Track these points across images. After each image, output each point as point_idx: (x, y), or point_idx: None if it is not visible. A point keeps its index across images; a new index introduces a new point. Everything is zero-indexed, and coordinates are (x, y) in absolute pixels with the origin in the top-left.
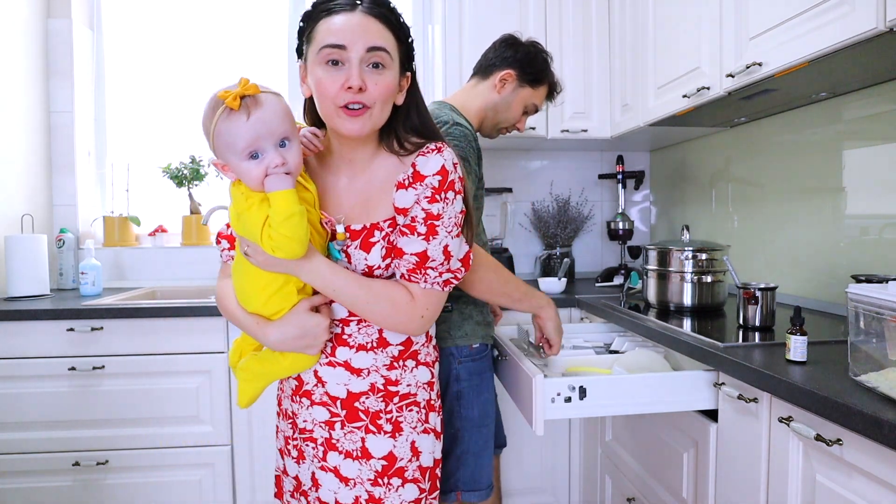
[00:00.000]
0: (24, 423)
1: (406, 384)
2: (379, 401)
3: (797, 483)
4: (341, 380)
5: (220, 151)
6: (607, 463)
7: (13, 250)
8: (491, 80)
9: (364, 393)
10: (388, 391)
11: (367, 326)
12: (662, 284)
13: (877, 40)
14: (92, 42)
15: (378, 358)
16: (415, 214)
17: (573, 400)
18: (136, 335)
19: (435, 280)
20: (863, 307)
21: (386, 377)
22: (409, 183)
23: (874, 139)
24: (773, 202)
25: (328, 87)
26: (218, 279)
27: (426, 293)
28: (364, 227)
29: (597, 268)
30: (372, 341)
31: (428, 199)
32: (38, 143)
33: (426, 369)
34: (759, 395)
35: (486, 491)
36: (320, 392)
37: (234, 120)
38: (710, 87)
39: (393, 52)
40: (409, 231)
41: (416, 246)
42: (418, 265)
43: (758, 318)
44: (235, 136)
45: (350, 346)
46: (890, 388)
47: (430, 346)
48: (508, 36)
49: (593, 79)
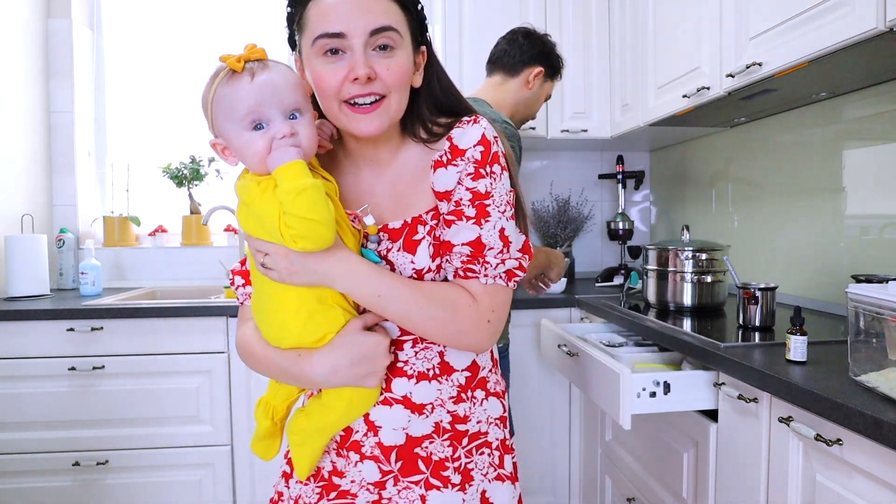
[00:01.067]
0: (24, 423)
1: (476, 420)
2: (446, 445)
3: (797, 483)
4: (400, 422)
5: (219, 124)
6: (607, 463)
7: (13, 250)
8: (521, 76)
9: (428, 437)
10: (457, 431)
11: (426, 348)
12: (662, 284)
13: (877, 40)
14: (92, 42)
15: (443, 388)
16: (459, 197)
17: (657, 395)
18: (136, 335)
19: (497, 272)
20: (863, 307)
21: (453, 413)
22: (447, 160)
23: (874, 139)
24: (773, 202)
25: (329, 82)
26: (237, 327)
27: (489, 290)
28: (405, 222)
29: (597, 268)
30: (434, 367)
31: (472, 177)
32: (38, 143)
33: (497, 401)
34: (759, 395)
35: None
36: (371, 443)
37: (235, 83)
38: (710, 87)
39: (402, 27)
40: (456, 217)
41: (468, 233)
42: (473, 256)
43: (758, 318)
44: (236, 101)
45: (409, 376)
46: (890, 388)
47: (497, 372)
48: (527, 30)
49: (593, 79)
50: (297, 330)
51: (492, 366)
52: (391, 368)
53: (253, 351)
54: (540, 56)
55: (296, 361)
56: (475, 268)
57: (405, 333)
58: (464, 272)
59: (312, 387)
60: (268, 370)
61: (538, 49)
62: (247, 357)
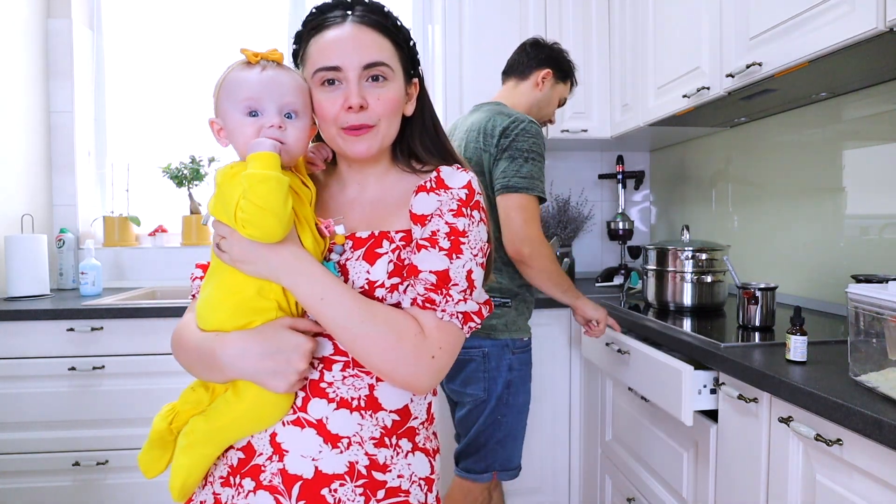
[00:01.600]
0: (24, 423)
1: (397, 474)
2: (358, 493)
3: (797, 483)
4: (310, 449)
5: (220, 104)
6: (607, 463)
7: (13, 250)
8: (531, 79)
9: (339, 476)
10: (373, 479)
11: (356, 377)
12: (662, 284)
13: (877, 40)
14: (92, 42)
15: (364, 425)
16: (436, 228)
17: (717, 391)
18: (136, 335)
19: (456, 310)
20: (863, 307)
21: (372, 457)
22: (431, 187)
23: (874, 139)
24: (773, 202)
25: (327, 110)
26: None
27: (442, 327)
28: (371, 234)
29: (597, 268)
30: (360, 398)
31: (453, 213)
32: (38, 143)
33: (426, 459)
34: (759, 395)
35: (516, 471)
36: (273, 469)
37: (245, 70)
38: (710, 87)
39: (393, 62)
40: (430, 244)
41: (437, 262)
42: (437, 286)
43: (758, 318)
44: (240, 85)
45: (329, 399)
46: (890, 388)
47: (430, 430)
48: (535, 39)
49: (593, 79)
50: (225, 313)
51: (426, 420)
52: (312, 387)
53: (181, 336)
54: (547, 60)
55: (211, 341)
56: (436, 298)
57: (339, 353)
58: (422, 301)
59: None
60: (187, 356)
61: (545, 54)
62: (175, 344)
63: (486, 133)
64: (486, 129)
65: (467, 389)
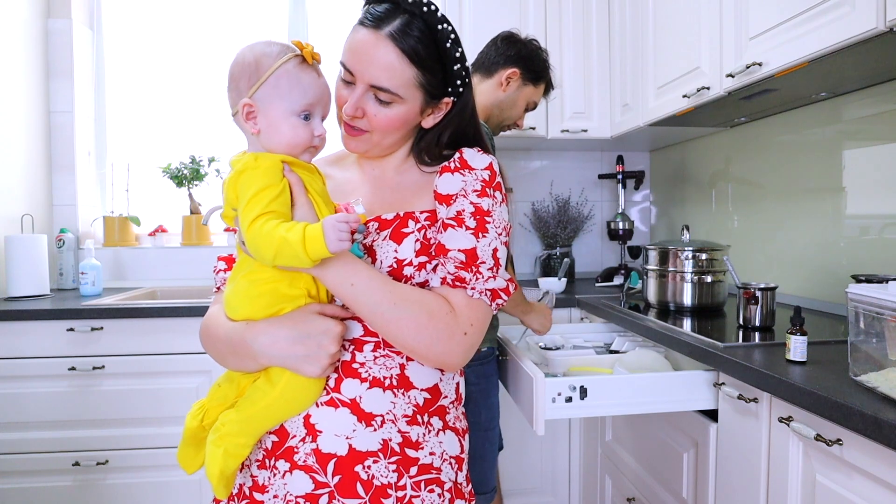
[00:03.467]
0: (24, 423)
1: (429, 451)
2: (391, 469)
3: (797, 483)
4: (344, 428)
5: (267, 94)
6: (607, 463)
7: (13, 250)
8: (495, 78)
9: (372, 454)
10: (406, 456)
11: (387, 356)
12: (662, 284)
13: (877, 40)
14: (92, 42)
15: (398, 403)
16: (462, 207)
17: (574, 399)
18: (136, 335)
19: (485, 287)
20: (863, 307)
21: (405, 434)
22: (455, 167)
23: (874, 139)
24: (773, 202)
25: (338, 102)
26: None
27: (472, 304)
28: (397, 215)
29: (597, 268)
30: (392, 377)
31: (477, 193)
32: (38, 143)
33: (456, 438)
34: (759, 395)
35: (490, 494)
36: (307, 449)
37: (306, 71)
38: (710, 87)
39: (406, 89)
40: (457, 223)
41: (465, 241)
42: (466, 265)
43: (758, 318)
44: (302, 87)
45: (362, 379)
46: (890, 388)
47: (460, 409)
48: (509, 33)
49: (593, 79)
50: (256, 303)
51: (455, 399)
52: (345, 368)
53: (210, 326)
54: (516, 58)
55: (242, 330)
56: (466, 276)
57: (369, 335)
58: (452, 279)
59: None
60: (216, 347)
61: (514, 51)
62: (204, 334)
63: None
64: None
65: None
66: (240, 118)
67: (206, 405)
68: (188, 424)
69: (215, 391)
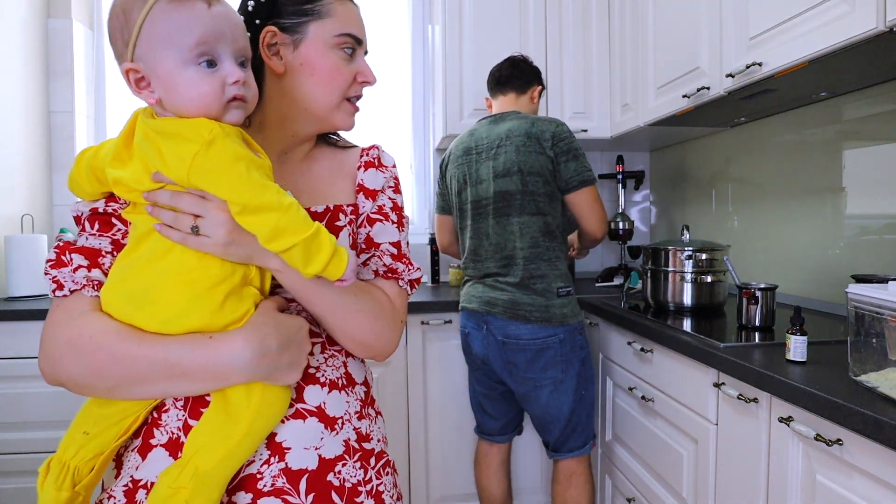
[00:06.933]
0: (24, 423)
1: (376, 439)
2: (357, 467)
3: (797, 483)
4: (312, 439)
5: (148, 48)
6: (607, 463)
7: (13, 250)
8: (528, 94)
9: (339, 458)
10: (364, 450)
11: (333, 356)
12: (662, 284)
13: (877, 40)
14: (92, 42)
15: (350, 402)
16: (383, 203)
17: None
18: None
19: (409, 278)
20: (863, 307)
21: (358, 430)
22: (379, 164)
23: (874, 139)
24: (773, 202)
25: (346, 76)
26: (56, 323)
27: (402, 295)
28: (327, 207)
29: (597, 268)
30: (341, 377)
31: (393, 189)
32: (38, 143)
33: (381, 419)
34: (759, 395)
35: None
36: (273, 472)
37: (187, 4)
38: (710, 87)
39: None
40: (383, 218)
41: (392, 234)
42: (396, 257)
43: (758, 318)
44: (188, 25)
45: (321, 384)
46: (890, 388)
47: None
48: (522, 56)
49: (593, 79)
50: (209, 310)
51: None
52: (303, 375)
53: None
54: (538, 76)
55: (206, 346)
56: (399, 268)
57: (312, 335)
58: (385, 272)
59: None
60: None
61: (535, 71)
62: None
63: (536, 138)
64: (534, 135)
65: (547, 374)
66: (133, 89)
67: (69, 462)
68: (52, 498)
69: (83, 442)
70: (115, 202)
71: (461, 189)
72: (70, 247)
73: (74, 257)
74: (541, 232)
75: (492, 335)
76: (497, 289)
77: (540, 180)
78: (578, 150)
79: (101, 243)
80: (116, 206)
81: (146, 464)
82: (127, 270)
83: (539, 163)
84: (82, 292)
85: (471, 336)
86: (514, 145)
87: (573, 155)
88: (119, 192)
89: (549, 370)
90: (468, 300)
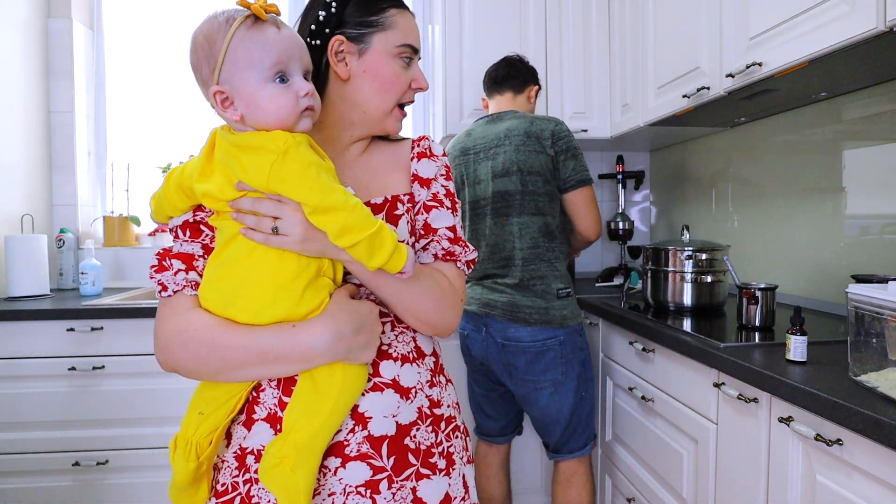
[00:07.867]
0: (24, 423)
1: (447, 405)
2: (429, 431)
3: (797, 483)
4: (390, 408)
5: (232, 71)
6: (607, 463)
7: (13, 250)
8: (524, 94)
9: (414, 423)
10: (435, 415)
11: (402, 332)
12: (662, 284)
13: (877, 40)
14: (92, 42)
15: (421, 372)
16: (437, 190)
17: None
18: (136, 335)
19: (467, 258)
20: (863, 307)
21: (430, 398)
22: (431, 154)
23: (874, 139)
24: (773, 202)
25: (403, 83)
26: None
27: (460, 275)
28: (385, 199)
29: (597, 268)
30: (411, 350)
31: (444, 177)
32: (38, 143)
33: (453, 387)
34: (759, 395)
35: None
36: (359, 439)
37: (262, 30)
38: (710, 88)
39: None
40: (438, 204)
41: (448, 220)
42: (453, 241)
43: (758, 318)
44: (264, 48)
45: (394, 359)
46: (890, 388)
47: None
48: (519, 56)
49: (593, 79)
50: (292, 300)
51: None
52: (378, 352)
53: (212, 338)
54: (534, 76)
55: (291, 333)
56: (457, 251)
57: (382, 316)
58: (444, 255)
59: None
60: (231, 357)
61: (530, 71)
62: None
63: (536, 137)
64: (534, 134)
65: (547, 376)
66: (218, 110)
67: (192, 439)
68: (181, 469)
69: (200, 421)
70: (202, 211)
71: (458, 190)
72: (169, 253)
73: (174, 262)
74: (540, 232)
75: (491, 337)
76: (496, 290)
77: (540, 180)
78: (577, 149)
79: (193, 248)
80: (203, 214)
81: (251, 435)
82: (219, 271)
83: (539, 162)
84: (183, 292)
85: (470, 338)
86: (513, 144)
87: (572, 154)
88: (207, 203)
89: (549, 372)
90: (467, 302)
